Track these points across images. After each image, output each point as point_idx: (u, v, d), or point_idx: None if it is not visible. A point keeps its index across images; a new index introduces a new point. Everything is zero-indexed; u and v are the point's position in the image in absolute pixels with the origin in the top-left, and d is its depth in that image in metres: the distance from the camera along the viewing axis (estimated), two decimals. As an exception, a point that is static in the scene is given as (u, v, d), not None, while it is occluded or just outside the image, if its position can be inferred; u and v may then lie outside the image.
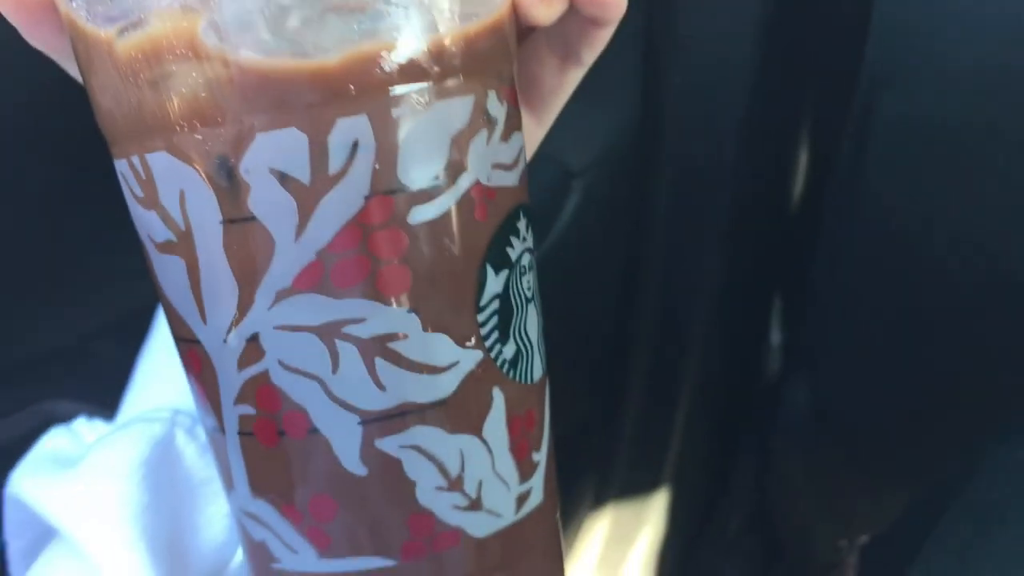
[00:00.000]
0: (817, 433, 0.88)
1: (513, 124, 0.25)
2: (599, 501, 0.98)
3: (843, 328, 0.83)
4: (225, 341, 0.24)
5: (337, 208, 0.22)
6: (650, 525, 0.98)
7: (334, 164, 0.22)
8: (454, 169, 0.23)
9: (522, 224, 0.25)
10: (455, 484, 0.25)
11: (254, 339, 0.23)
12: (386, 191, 0.22)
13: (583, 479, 0.95)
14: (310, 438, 0.24)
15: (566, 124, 0.72)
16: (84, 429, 0.34)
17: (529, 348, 0.26)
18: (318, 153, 0.22)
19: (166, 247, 0.24)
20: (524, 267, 0.25)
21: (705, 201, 0.80)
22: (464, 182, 0.23)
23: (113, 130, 0.24)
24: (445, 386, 0.24)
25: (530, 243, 0.26)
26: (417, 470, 0.24)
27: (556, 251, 0.72)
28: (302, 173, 0.22)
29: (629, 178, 0.76)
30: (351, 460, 0.24)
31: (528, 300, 0.26)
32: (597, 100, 0.74)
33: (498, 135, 0.24)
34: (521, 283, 0.25)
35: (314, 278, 0.22)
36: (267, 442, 0.24)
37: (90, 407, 0.40)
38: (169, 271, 0.24)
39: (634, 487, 0.97)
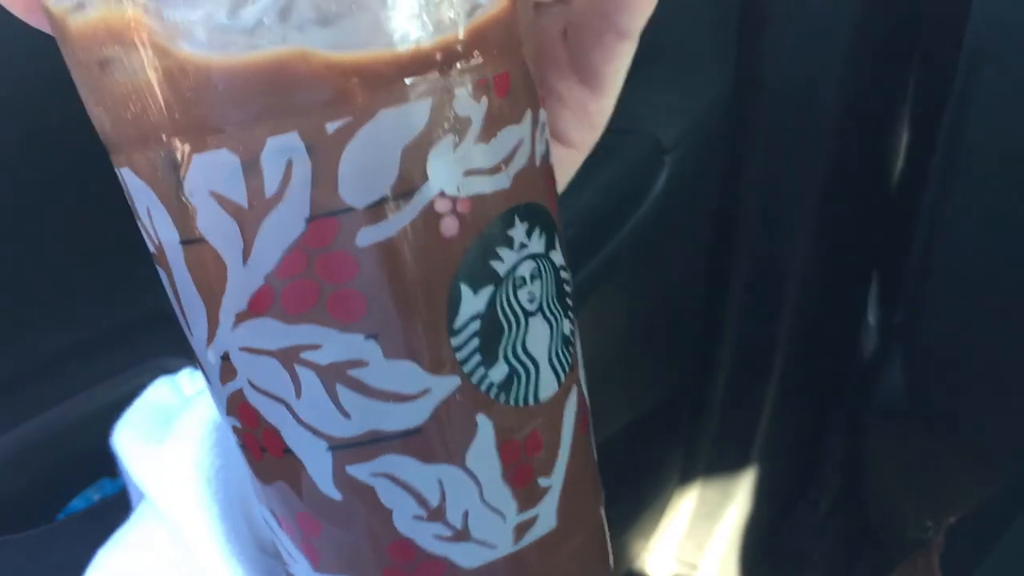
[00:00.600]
0: (911, 413, 0.87)
1: (503, 118, 0.22)
2: (685, 477, 0.99)
3: (940, 308, 0.81)
4: (207, 356, 0.23)
5: (278, 231, 0.21)
6: (736, 503, 0.98)
7: (269, 186, 0.20)
8: (407, 183, 0.21)
9: (519, 230, 0.23)
10: (435, 514, 0.23)
11: (226, 358, 0.23)
12: (328, 212, 0.20)
13: (670, 455, 0.96)
14: (286, 458, 0.23)
15: (658, 99, 0.73)
16: (185, 381, 0.35)
17: (529, 367, 0.23)
18: (252, 175, 0.20)
19: (154, 259, 0.23)
20: (523, 278, 0.23)
21: (800, 177, 0.79)
22: (423, 196, 0.21)
23: (101, 136, 0.23)
24: (416, 415, 0.22)
25: (537, 247, 0.23)
26: (392, 499, 0.23)
27: (646, 226, 0.72)
28: (239, 196, 0.21)
29: (721, 153, 0.76)
30: (325, 484, 0.23)
31: (529, 313, 0.23)
32: (690, 75, 0.74)
33: (473, 137, 0.21)
34: (516, 296, 0.23)
35: (266, 302, 0.21)
36: (255, 456, 0.24)
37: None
38: (162, 282, 0.23)
39: (721, 464, 0.97)
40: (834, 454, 0.99)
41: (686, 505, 1.00)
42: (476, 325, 0.22)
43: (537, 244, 0.23)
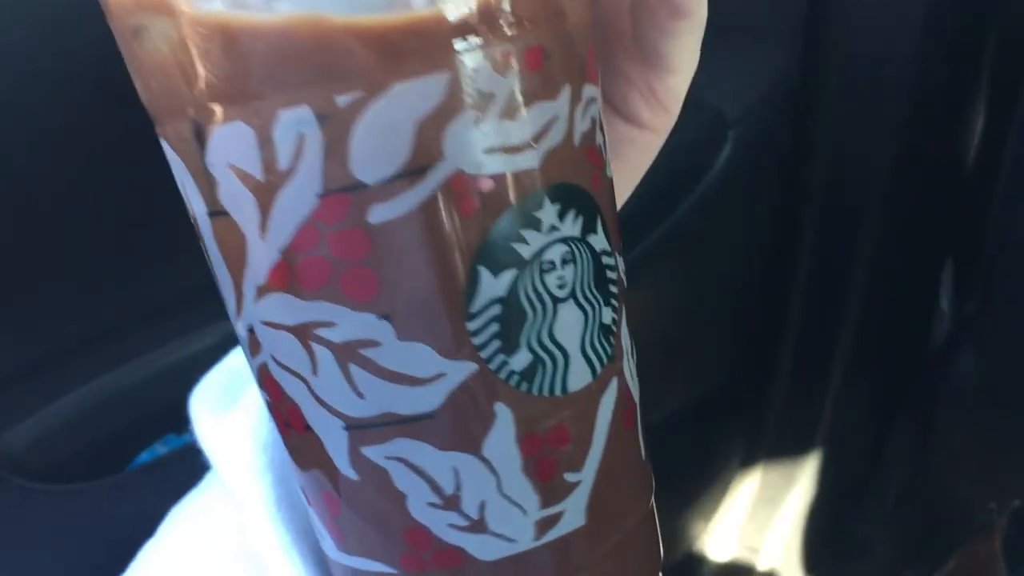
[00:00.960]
0: (981, 399, 0.85)
1: (533, 94, 0.21)
2: (748, 459, 0.98)
3: (1014, 295, 0.79)
4: (237, 328, 0.23)
5: (292, 206, 0.20)
6: (800, 486, 0.97)
7: (282, 160, 0.20)
8: (422, 160, 0.20)
9: (549, 211, 0.22)
10: (450, 503, 0.22)
11: (251, 331, 0.23)
12: (340, 188, 0.20)
13: (732, 436, 0.95)
14: (308, 435, 0.23)
15: (722, 73, 0.72)
16: None
17: (556, 355, 0.22)
18: (266, 148, 0.20)
19: (193, 227, 0.23)
20: (551, 262, 0.22)
21: (868, 158, 0.78)
22: (438, 174, 0.20)
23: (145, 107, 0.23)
24: (430, 399, 0.21)
25: (572, 230, 0.22)
26: (406, 483, 0.22)
27: (709, 200, 0.72)
28: (255, 169, 0.20)
29: (787, 130, 0.75)
30: (343, 463, 0.23)
31: (559, 300, 0.22)
32: (755, 50, 0.73)
33: (496, 113, 0.20)
34: (544, 281, 0.22)
35: (283, 277, 0.21)
36: (283, 431, 0.24)
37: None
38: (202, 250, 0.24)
39: (785, 447, 0.97)
40: (901, 439, 0.97)
41: (748, 488, 1.00)
42: (496, 309, 0.21)
43: (571, 227, 0.22)
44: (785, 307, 0.87)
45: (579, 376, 0.23)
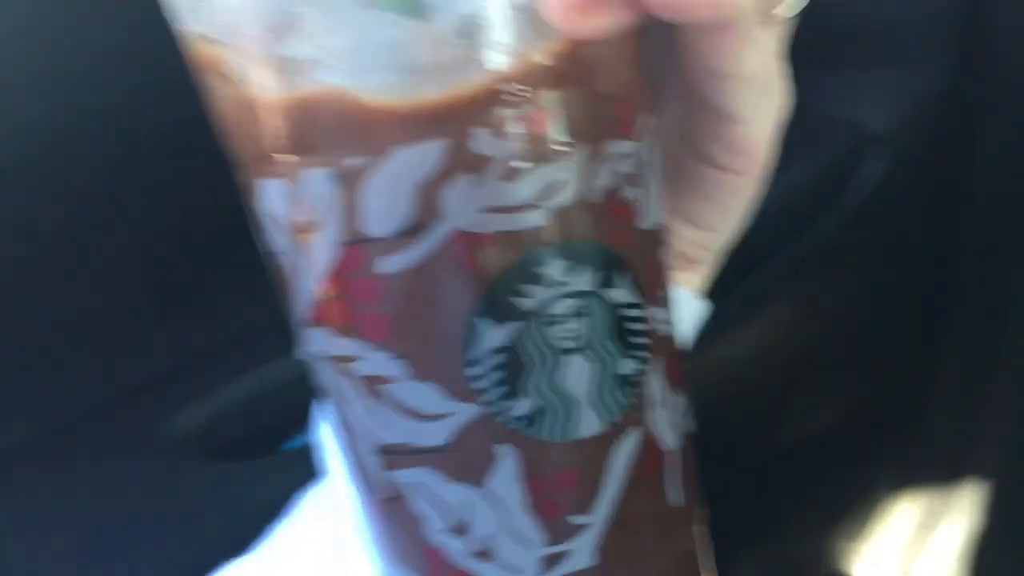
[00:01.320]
0: None
1: (535, 156, 0.22)
2: (901, 481, 0.95)
3: None
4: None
5: (320, 254, 0.23)
6: (959, 512, 0.93)
7: (310, 213, 0.23)
8: (422, 218, 0.22)
9: (555, 267, 0.23)
10: (460, 530, 0.24)
11: (307, 356, 0.26)
12: (355, 240, 0.22)
13: (883, 457, 0.93)
14: (349, 452, 0.26)
15: (866, 87, 0.71)
16: None
17: (563, 404, 0.23)
18: (297, 202, 0.23)
19: None
20: (558, 316, 0.23)
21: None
22: (437, 232, 0.22)
23: None
24: (439, 434, 0.23)
25: (583, 285, 0.23)
26: (424, 508, 0.24)
27: (853, 218, 0.71)
28: (290, 219, 0.23)
29: (941, 147, 0.73)
30: (375, 482, 0.25)
31: (565, 351, 0.23)
32: (902, 64, 0.72)
33: (493, 176, 0.22)
34: (548, 334, 0.23)
35: (318, 315, 0.24)
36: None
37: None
38: None
39: (942, 471, 0.93)
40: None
41: (902, 511, 0.97)
42: (495, 358, 0.23)
43: (583, 282, 0.23)
44: (945, 328, 0.84)
45: (588, 424, 0.24)
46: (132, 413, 0.57)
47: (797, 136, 0.30)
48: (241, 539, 0.37)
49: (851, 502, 0.93)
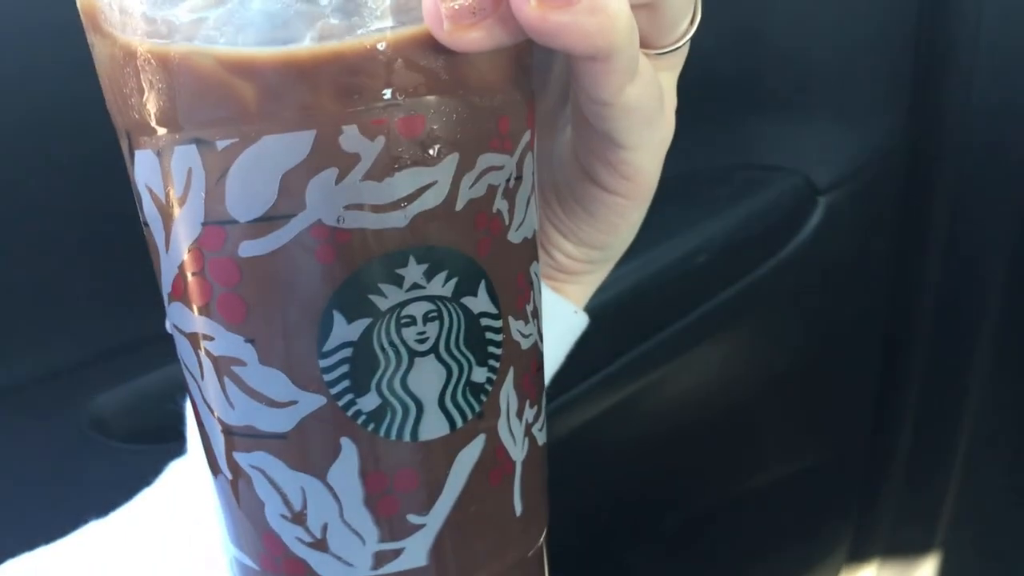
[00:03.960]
0: None
1: (405, 159, 0.22)
2: (859, 544, 0.93)
3: None
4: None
5: (184, 230, 0.23)
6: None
7: (177, 188, 0.23)
8: (285, 207, 0.22)
9: (414, 270, 0.23)
10: (298, 518, 0.24)
11: (170, 329, 0.26)
12: (217, 221, 0.22)
13: (837, 516, 0.91)
14: (202, 430, 0.26)
15: (814, 139, 0.72)
16: None
17: (409, 404, 0.24)
18: (166, 176, 0.23)
19: None
20: (412, 317, 0.23)
21: (989, 232, 0.74)
22: (299, 222, 0.22)
23: None
24: (284, 422, 0.23)
25: (441, 290, 0.23)
26: (264, 492, 0.25)
27: (796, 264, 0.71)
28: (160, 192, 0.23)
29: (886, 199, 0.74)
30: (221, 462, 0.25)
31: (417, 353, 0.23)
32: (852, 118, 0.72)
33: (359, 174, 0.22)
34: (401, 334, 0.23)
35: (179, 290, 0.24)
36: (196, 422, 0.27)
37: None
38: None
39: (904, 534, 0.91)
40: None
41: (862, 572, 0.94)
42: (347, 352, 0.23)
43: (440, 287, 0.23)
44: (899, 378, 0.83)
45: (435, 427, 0.24)
46: (54, 392, 0.59)
47: (745, 183, 0.31)
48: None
49: (807, 560, 0.91)
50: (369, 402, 0.23)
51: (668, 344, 0.67)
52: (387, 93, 0.22)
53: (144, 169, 0.23)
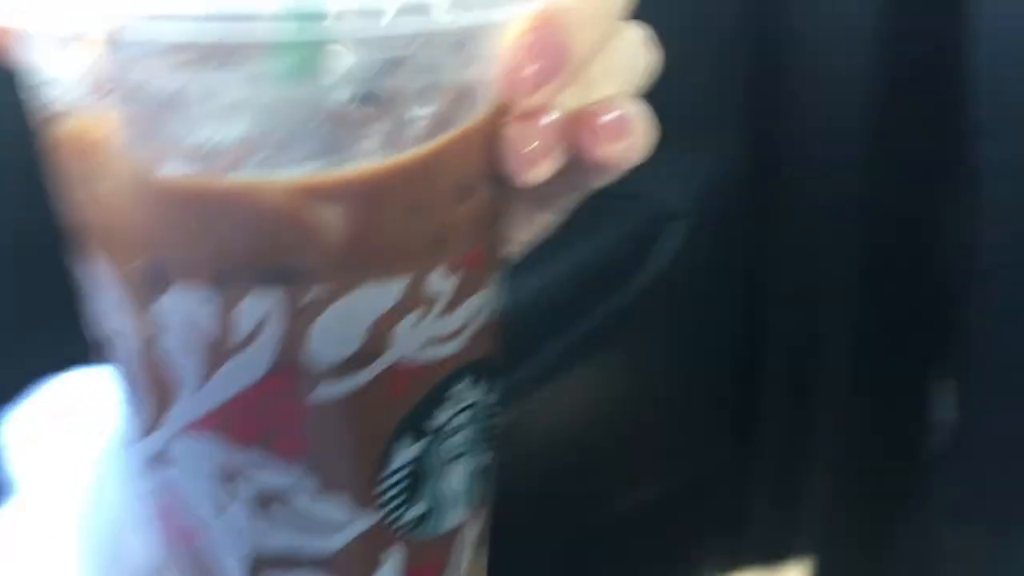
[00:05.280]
0: (975, 518, 0.79)
1: (466, 291, 0.23)
2: (737, 567, 0.93)
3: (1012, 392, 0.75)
4: (141, 441, 0.25)
5: (240, 372, 0.22)
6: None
7: (239, 334, 0.21)
8: (371, 352, 0.22)
9: (463, 385, 0.24)
10: None
11: (165, 449, 0.24)
12: (289, 367, 0.21)
13: (712, 540, 0.91)
14: (198, 554, 0.25)
15: (664, 165, 0.72)
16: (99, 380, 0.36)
17: (444, 501, 0.25)
18: (225, 318, 0.21)
19: (102, 337, 0.25)
20: (457, 427, 0.24)
21: (830, 251, 0.76)
22: (382, 363, 0.22)
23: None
24: (333, 543, 0.24)
25: (476, 396, 0.25)
26: None
27: (652, 292, 0.71)
28: (210, 333, 0.21)
29: (736, 223, 0.74)
30: None
31: (454, 458, 0.25)
32: (698, 143, 0.73)
33: (437, 311, 0.23)
34: (448, 444, 0.24)
35: (217, 425, 0.23)
36: (164, 535, 0.26)
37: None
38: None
39: (778, 553, 0.91)
40: (903, 556, 0.90)
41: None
42: (405, 471, 0.24)
43: (476, 393, 0.25)
44: (753, 410, 0.83)
45: (457, 516, 0.26)
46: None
47: (596, 210, 0.29)
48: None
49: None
50: (416, 510, 0.24)
51: (531, 375, 0.67)
52: (467, 232, 0.23)
53: (186, 303, 0.21)
